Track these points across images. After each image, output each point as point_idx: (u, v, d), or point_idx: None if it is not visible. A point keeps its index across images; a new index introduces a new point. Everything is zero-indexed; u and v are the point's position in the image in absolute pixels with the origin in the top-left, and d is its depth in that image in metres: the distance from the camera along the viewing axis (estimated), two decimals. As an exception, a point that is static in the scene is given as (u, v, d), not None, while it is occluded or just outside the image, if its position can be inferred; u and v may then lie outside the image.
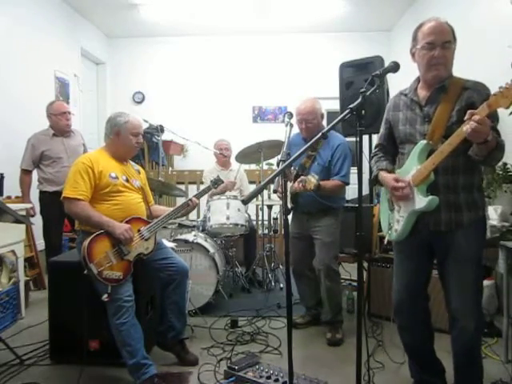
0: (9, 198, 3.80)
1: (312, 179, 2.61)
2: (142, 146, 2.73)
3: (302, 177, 2.70)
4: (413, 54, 1.93)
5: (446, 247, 1.88)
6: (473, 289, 1.86)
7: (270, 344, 2.78)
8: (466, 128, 1.60)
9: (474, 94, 1.79)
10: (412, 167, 1.87)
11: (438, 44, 1.80)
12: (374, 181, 2.11)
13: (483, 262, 1.95)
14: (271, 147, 3.92)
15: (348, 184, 2.90)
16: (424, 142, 1.84)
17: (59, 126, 3.71)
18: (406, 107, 1.97)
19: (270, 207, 4.21)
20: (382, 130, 2.14)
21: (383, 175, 2.01)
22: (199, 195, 2.73)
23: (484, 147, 1.66)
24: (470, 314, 1.84)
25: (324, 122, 3.01)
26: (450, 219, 1.85)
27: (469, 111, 1.62)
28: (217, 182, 2.85)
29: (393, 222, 2.00)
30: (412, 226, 1.92)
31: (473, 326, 1.83)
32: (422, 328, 2.04)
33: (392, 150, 2.10)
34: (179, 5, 5.56)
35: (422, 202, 1.82)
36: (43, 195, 3.69)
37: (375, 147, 2.18)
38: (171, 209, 2.58)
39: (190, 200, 2.62)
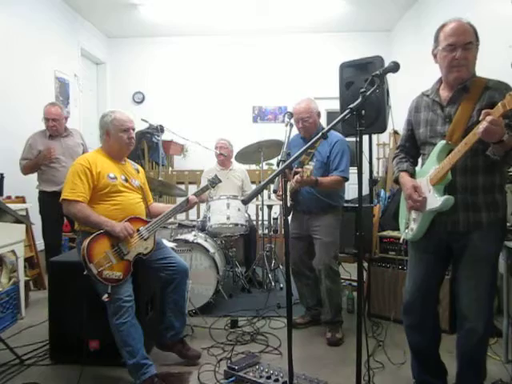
0: (9, 197, 3.80)
1: (308, 167, 2.60)
2: (142, 147, 2.72)
3: (299, 169, 2.70)
4: (434, 55, 1.91)
5: (462, 247, 1.86)
6: (485, 290, 1.84)
7: (270, 344, 2.78)
8: (479, 128, 1.59)
9: (495, 94, 1.76)
10: (431, 167, 1.86)
11: (460, 45, 1.79)
12: (395, 181, 2.10)
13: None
14: (271, 146, 3.93)
15: (347, 179, 2.90)
16: (443, 142, 1.83)
17: (50, 130, 3.70)
18: (428, 108, 1.96)
19: (269, 207, 4.21)
20: (403, 131, 2.13)
21: (404, 177, 2.00)
22: (197, 194, 2.72)
23: (499, 147, 1.65)
24: (481, 315, 1.83)
25: (323, 122, 3.01)
26: (468, 220, 1.84)
27: (484, 111, 1.60)
28: (214, 181, 2.84)
29: (409, 222, 2.00)
30: (428, 226, 1.91)
31: (482, 327, 1.82)
32: (430, 329, 2.04)
33: (413, 152, 2.09)
34: (179, 5, 5.57)
35: (437, 201, 1.81)
36: (42, 195, 3.69)
37: (397, 148, 2.17)
38: (171, 207, 2.58)
39: (188, 199, 2.62)
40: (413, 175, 2.01)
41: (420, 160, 2.08)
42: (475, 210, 1.83)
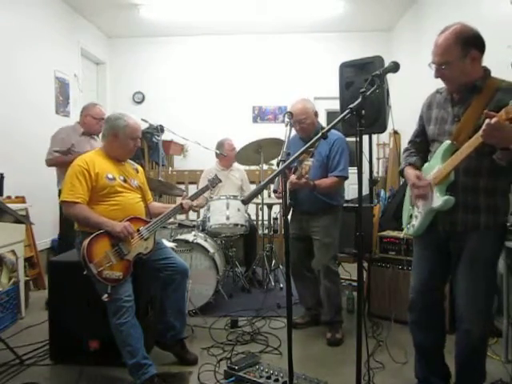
0: (9, 197, 3.80)
1: (307, 163, 2.57)
2: (142, 147, 2.71)
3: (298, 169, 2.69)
4: None
5: (460, 248, 1.86)
6: (482, 292, 1.83)
7: (270, 344, 2.78)
8: (481, 132, 1.57)
9: (505, 97, 1.70)
10: (435, 166, 1.87)
11: (436, 66, 1.81)
12: (400, 174, 2.11)
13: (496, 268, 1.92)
14: (271, 145, 3.92)
15: (347, 178, 2.91)
16: (448, 142, 1.82)
17: (93, 128, 3.66)
18: (440, 106, 1.96)
19: (269, 207, 4.21)
20: (415, 126, 2.13)
21: (408, 170, 2.01)
22: (196, 195, 2.72)
23: (507, 153, 1.63)
24: (477, 317, 1.82)
25: (323, 122, 3.01)
26: (467, 220, 1.83)
27: (484, 112, 1.58)
28: (214, 181, 2.84)
29: (411, 218, 2.01)
30: (428, 224, 1.92)
31: (478, 329, 1.82)
32: (434, 328, 2.03)
33: (423, 147, 2.07)
34: (179, 5, 5.56)
35: (438, 201, 1.82)
36: None
37: (408, 143, 2.17)
38: (170, 207, 2.58)
39: (182, 204, 2.61)
40: (419, 169, 2.00)
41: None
42: (474, 212, 1.83)
